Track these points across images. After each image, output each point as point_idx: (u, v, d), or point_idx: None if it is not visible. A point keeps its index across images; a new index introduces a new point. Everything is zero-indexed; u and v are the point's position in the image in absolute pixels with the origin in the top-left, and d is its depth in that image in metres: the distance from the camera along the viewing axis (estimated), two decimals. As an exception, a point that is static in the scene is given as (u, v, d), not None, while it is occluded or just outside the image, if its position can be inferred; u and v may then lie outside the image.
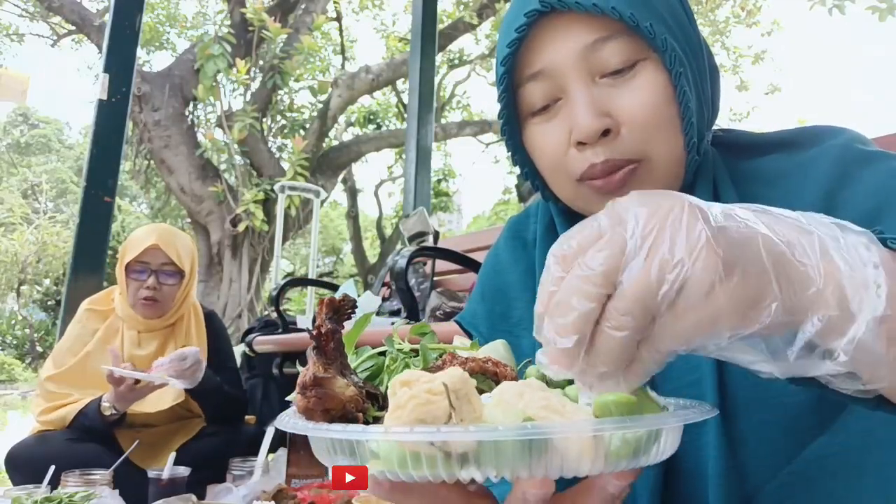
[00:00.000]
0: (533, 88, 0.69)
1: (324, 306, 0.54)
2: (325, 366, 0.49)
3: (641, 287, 0.36)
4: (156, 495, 1.63)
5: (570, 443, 0.38)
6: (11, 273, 15.22)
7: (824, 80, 77.06)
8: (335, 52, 11.34)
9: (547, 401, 0.42)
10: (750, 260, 0.37)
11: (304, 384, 0.48)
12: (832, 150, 0.68)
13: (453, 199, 14.78)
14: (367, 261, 12.36)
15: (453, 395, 0.40)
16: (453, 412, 0.39)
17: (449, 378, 0.40)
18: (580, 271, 0.38)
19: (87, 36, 9.29)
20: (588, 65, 0.66)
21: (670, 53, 0.65)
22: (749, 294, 0.37)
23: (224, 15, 8.82)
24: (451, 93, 12.90)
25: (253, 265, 8.05)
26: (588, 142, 0.65)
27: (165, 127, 8.01)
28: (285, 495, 1.63)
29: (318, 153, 8.97)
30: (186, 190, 8.06)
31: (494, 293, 0.85)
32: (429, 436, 0.38)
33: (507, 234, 0.90)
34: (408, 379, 0.42)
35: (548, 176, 0.73)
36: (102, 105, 2.87)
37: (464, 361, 0.52)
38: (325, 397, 0.47)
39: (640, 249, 0.37)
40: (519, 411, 0.41)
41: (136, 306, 2.18)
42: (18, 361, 14.00)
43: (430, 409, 0.39)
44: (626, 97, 0.65)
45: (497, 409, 0.41)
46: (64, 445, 1.97)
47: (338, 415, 0.47)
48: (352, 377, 0.51)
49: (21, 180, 20.35)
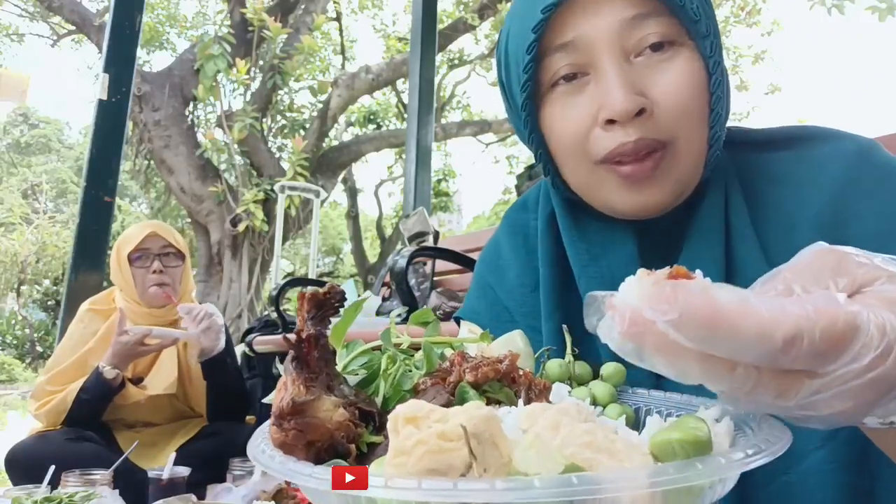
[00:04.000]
0: (559, 59, 0.65)
1: (304, 303, 0.44)
2: (307, 383, 0.40)
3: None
4: (156, 495, 1.63)
5: (623, 498, 0.31)
6: (11, 273, 15.21)
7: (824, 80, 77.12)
8: (335, 52, 11.34)
9: (591, 436, 0.34)
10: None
11: (280, 412, 0.38)
12: (845, 153, 0.65)
13: (453, 199, 14.77)
14: (367, 261, 12.35)
15: (474, 440, 0.32)
16: (474, 463, 0.31)
17: (468, 419, 0.32)
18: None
19: (87, 36, 9.28)
20: (624, 41, 0.62)
21: (712, 40, 0.63)
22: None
23: (224, 15, 8.82)
24: (451, 93, 12.89)
25: (253, 265, 8.04)
26: (621, 120, 0.61)
27: (165, 127, 8.01)
28: (285, 495, 1.62)
29: (318, 153, 8.97)
30: (186, 190, 8.06)
31: (496, 288, 0.83)
32: (442, 495, 0.30)
33: (506, 228, 0.87)
34: (414, 415, 0.33)
35: (564, 155, 0.69)
36: (102, 105, 2.87)
37: (476, 366, 0.44)
38: (308, 428, 0.38)
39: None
40: (557, 454, 0.33)
41: (147, 295, 2.15)
42: (18, 361, 13.98)
43: (443, 457, 0.31)
44: (662, 79, 0.62)
45: (530, 451, 0.33)
46: (63, 445, 1.97)
47: (324, 447, 0.39)
48: (342, 388, 0.42)
49: (21, 180, 20.35)
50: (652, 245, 0.70)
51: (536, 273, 0.77)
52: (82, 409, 2.00)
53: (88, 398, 2.00)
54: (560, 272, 0.74)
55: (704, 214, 0.67)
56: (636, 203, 0.65)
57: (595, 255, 0.71)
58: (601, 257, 0.71)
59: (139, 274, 2.15)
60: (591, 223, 0.73)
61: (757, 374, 0.33)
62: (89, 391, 2.01)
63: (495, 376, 0.45)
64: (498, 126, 10.77)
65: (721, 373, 0.33)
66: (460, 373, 0.45)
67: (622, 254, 0.70)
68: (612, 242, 0.71)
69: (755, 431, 0.40)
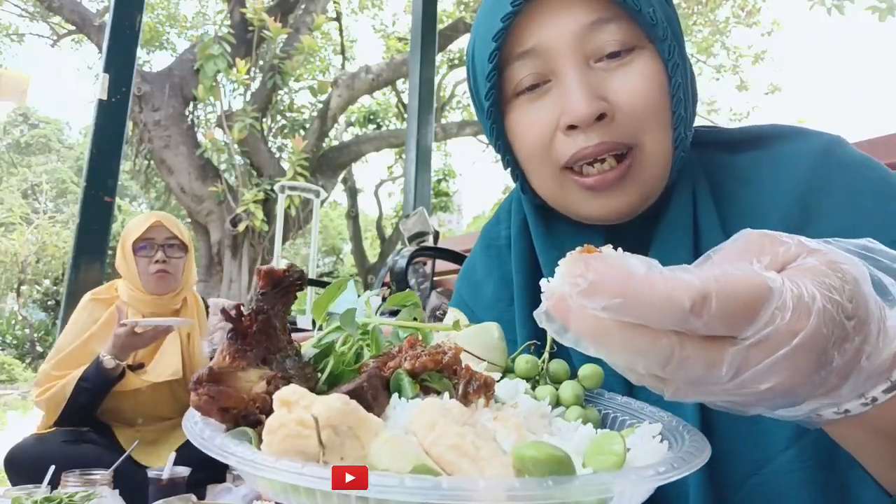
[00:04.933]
0: (521, 67, 0.65)
1: (260, 278, 0.45)
2: (235, 353, 0.42)
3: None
4: (156, 495, 1.63)
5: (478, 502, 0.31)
6: (11, 273, 15.21)
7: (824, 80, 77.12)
8: (335, 52, 11.34)
9: (461, 439, 0.35)
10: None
11: (198, 378, 0.41)
12: (810, 151, 0.65)
13: (453, 199, 14.77)
14: (367, 261, 12.35)
15: (330, 430, 0.34)
16: (323, 451, 0.33)
17: (325, 410, 0.34)
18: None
19: (87, 36, 9.29)
20: (583, 47, 0.63)
21: (669, 43, 0.63)
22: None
23: (224, 15, 8.82)
24: (451, 93, 12.90)
25: (253, 265, 8.04)
26: (581, 125, 0.62)
27: (165, 127, 8.02)
28: (285, 495, 1.62)
29: (318, 153, 8.97)
30: (186, 190, 8.06)
31: (473, 306, 0.83)
32: (291, 476, 0.32)
33: (480, 244, 0.87)
34: (287, 398, 0.36)
35: (529, 162, 0.69)
36: (102, 105, 2.87)
37: (417, 355, 0.46)
38: (221, 395, 0.41)
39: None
40: (412, 454, 0.34)
41: (149, 282, 2.20)
42: (18, 361, 13.98)
43: (298, 443, 0.34)
44: (622, 82, 0.62)
45: (385, 447, 0.34)
46: (63, 446, 1.98)
47: (240, 414, 0.41)
48: (285, 362, 0.44)
49: (21, 180, 20.35)
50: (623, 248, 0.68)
51: (511, 287, 0.77)
52: (81, 397, 2.02)
53: (88, 387, 2.02)
54: (533, 279, 0.74)
55: (672, 216, 0.67)
56: (602, 209, 0.66)
57: None
58: None
59: (143, 263, 2.20)
60: (562, 228, 0.73)
61: (679, 344, 0.33)
62: (90, 380, 2.02)
63: (434, 367, 0.45)
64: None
65: (643, 345, 0.33)
66: (400, 360, 0.46)
67: None
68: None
69: (676, 449, 0.41)
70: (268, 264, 0.50)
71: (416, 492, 0.30)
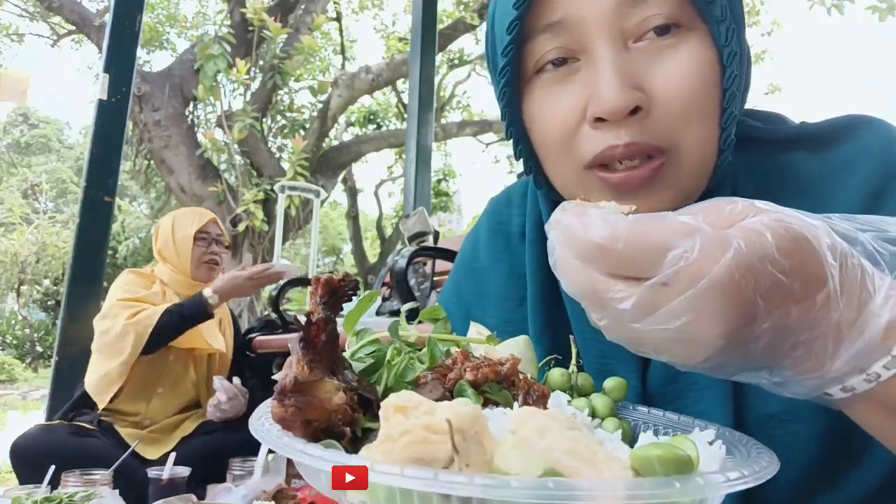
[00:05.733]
0: (545, 42, 0.56)
1: (319, 287, 0.44)
2: (311, 364, 0.41)
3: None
4: (156, 495, 1.63)
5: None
6: (11, 273, 15.20)
7: (824, 80, 77.08)
8: (335, 52, 11.34)
9: (575, 443, 0.35)
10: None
11: (283, 388, 0.40)
12: (870, 151, 0.58)
13: (453, 199, 14.76)
14: (367, 261, 12.35)
15: (458, 435, 0.32)
16: (456, 457, 0.32)
17: (454, 415, 0.33)
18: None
19: (87, 36, 9.28)
20: (622, 22, 0.53)
21: (728, 25, 0.53)
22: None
23: (224, 15, 8.82)
24: (451, 93, 12.89)
25: (253, 265, 8.04)
26: (611, 119, 0.52)
27: (165, 127, 8.01)
28: (285, 495, 1.62)
29: (318, 153, 8.97)
30: (186, 190, 8.06)
31: (472, 296, 0.75)
32: (423, 484, 0.31)
33: (486, 224, 0.77)
34: (404, 404, 0.34)
35: (548, 155, 0.60)
36: (102, 105, 2.86)
37: (477, 365, 0.45)
38: (307, 406, 0.39)
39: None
40: (539, 458, 0.33)
41: (200, 269, 2.47)
42: (18, 361, 13.98)
43: (426, 448, 0.32)
44: (664, 69, 0.53)
45: (514, 452, 0.33)
46: (69, 437, 2.02)
47: (321, 427, 0.40)
48: (345, 374, 0.43)
49: (21, 180, 20.33)
50: None
51: (522, 284, 0.69)
52: (172, 320, 2.20)
53: (184, 313, 2.23)
54: (550, 289, 0.66)
55: None
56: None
57: None
58: None
59: (198, 250, 2.46)
60: None
61: (602, 280, 0.37)
62: (187, 307, 2.25)
63: (495, 378, 0.45)
64: (498, 126, 10.77)
65: (575, 277, 0.38)
66: (461, 371, 0.45)
67: None
68: None
69: (744, 456, 0.41)
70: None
71: (553, 493, 0.30)
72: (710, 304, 0.35)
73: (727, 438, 0.45)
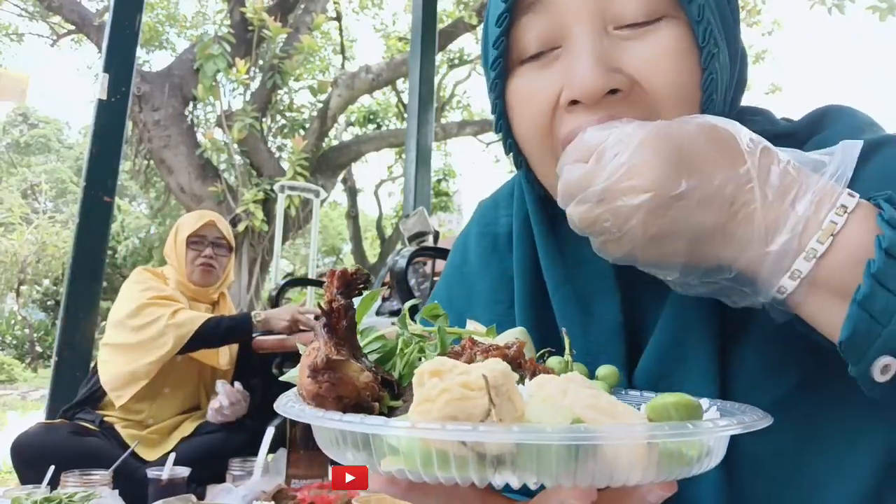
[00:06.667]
0: (528, 25, 0.56)
1: (334, 279, 0.47)
2: (337, 346, 0.43)
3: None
4: (156, 495, 1.63)
5: (622, 449, 0.34)
6: (11, 273, 15.20)
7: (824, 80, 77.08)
8: (335, 51, 11.33)
9: (595, 399, 0.38)
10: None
11: (315, 366, 0.41)
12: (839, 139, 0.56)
13: (453, 199, 14.75)
14: (367, 261, 12.35)
15: (493, 391, 0.35)
16: (493, 409, 0.34)
17: (489, 371, 0.35)
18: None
19: (86, 36, 9.28)
20: (602, 7, 0.53)
21: (705, 27, 0.53)
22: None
23: (224, 14, 8.82)
24: (451, 93, 12.89)
25: (253, 265, 8.04)
26: (585, 101, 0.52)
27: (165, 127, 8.01)
28: (285, 495, 1.62)
29: (317, 153, 8.97)
30: (186, 190, 8.05)
31: (462, 301, 0.74)
32: (464, 434, 0.33)
33: (475, 228, 0.76)
34: (438, 368, 0.37)
35: (526, 143, 0.59)
36: (102, 105, 2.86)
37: (486, 349, 0.47)
38: (339, 382, 0.41)
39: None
40: (567, 411, 0.36)
41: (195, 273, 2.43)
42: (18, 361, 13.98)
43: (464, 405, 0.34)
44: (643, 51, 0.52)
45: (543, 406, 0.36)
46: (69, 437, 2.01)
47: (351, 403, 0.42)
48: (363, 361, 0.46)
49: (21, 180, 20.33)
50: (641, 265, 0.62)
51: (511, 287, 0.68)
52: (216, 331, 2.22)
53: (229, 325, 2.25)
54: (537, 287, 0.66)
55: None
56: None
57: (570, 271, 0.63)
58: (576, 275, 0.63)
59: (191, 255, 2.44)
60: (566, 229, 0.63)
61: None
62: (231, 319, 2.29)
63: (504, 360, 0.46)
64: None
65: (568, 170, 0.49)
66: (471, 355, 0.47)
67: (598, 270, 0.62)
68: (588, 256, 0.61)
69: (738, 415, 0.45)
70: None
71: (584, 436, 0.33)
72: (639, 156, 0.42)
73: (720, 407, 0.49)
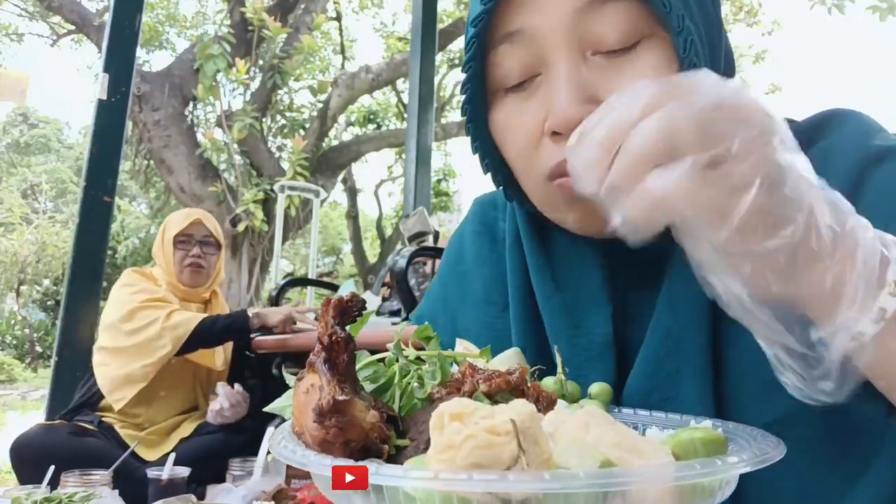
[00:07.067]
0: (507, 53, 0.56)
1: (329, 308, 0.44)
2: (340, 384, 0.40)
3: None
4: (156, 495, 1.63)
5: (649, 490, 0.33)
6: (11, 273, 15.19)
7: (824, 80, 77.12)
8: (335, 51, 11.33)
9: (620, 437, 0.37)
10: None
11: (321, 410, 0.38)
12: (846, 143, 0.57)
13: (453, 199, 14.74)
14: (367, 261, 12.35)
15: (521, 435, 0.33)
16: (522, 456, 0.32)
17: (517, 415, 0.33)
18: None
19: (86, 36, 9.28)
20: (579, 34, 0.53)
21: (686, 37, 0.52)
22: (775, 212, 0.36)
23: (224, 14, 8.82)
24: (451, 93, 12.89)
25: (252, 265, 8.04)
26: (565, 132, 0.52)
27: (165, 127, 8.01)
28: (285, 495, 1.62)
29: (317, 153, 8.96)
30: (186, 190, 8.05)
31: (457, 300, 0.73)
32: (493, 485, 0.31)
33: (472, 225, 0.76)
34: (459, 412, 0.34)
35: (515, 169, 0.61)
36: (102, 105, 2.86)
37: (489, 376, 0.45)
38: (348, 426, 0.38)
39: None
40: (595, 451, 0.35)
41: (183, 273, 2.40)
42: (18, 361, 13.98)
43: (491, 452, 0.32)
44: (622, 82, 0.52)
45: (571, 449, 0.35)
46: (69, 437, 2.02)
47: (358, 447, 0.38)
48: (363, 394, 0.43)
49: (21, 180, 20.32)
50: (629, 266, 0.60)
51: (506, 289, 0.68)
52: (211, 330, 2.20)
53: (223, 322, 2.24)
54: (529, 300, 0.65)
55: None
56: (594, 224, 0.56)
57: (560, 284, 0.63)
58: (566, 287, 0.63)
59: (179, 254, 2.40)
60: (558, 242, 0.65)
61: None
62: (227, 318, 2.28)
63: (507, 388, 0.45)
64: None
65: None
66: (474, 383, 0.45)
67: (589, 282, 0.62)
68: (579, 268, 0.63)
69: (750, 443, 0.43)
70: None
71: (614, 482, 0.32)
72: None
73: (725, 429, 0.47)
